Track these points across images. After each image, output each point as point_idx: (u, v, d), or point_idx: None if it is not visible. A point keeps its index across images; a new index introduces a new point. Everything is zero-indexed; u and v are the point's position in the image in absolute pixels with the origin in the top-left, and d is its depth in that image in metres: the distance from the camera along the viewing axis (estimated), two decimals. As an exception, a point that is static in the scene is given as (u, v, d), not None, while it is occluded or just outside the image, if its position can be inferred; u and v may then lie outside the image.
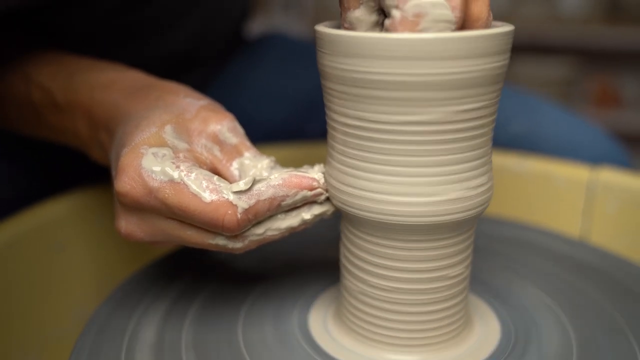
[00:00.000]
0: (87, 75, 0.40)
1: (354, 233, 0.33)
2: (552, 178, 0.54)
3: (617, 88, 2.06)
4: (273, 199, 0.31)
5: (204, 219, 0.30)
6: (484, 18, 0.29)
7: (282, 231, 0.33)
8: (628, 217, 0.50)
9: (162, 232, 0.32)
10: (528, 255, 0.45)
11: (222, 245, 0.32)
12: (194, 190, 0.30)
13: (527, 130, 0.58)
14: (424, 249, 0.31)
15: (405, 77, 0.28)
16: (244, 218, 0.30)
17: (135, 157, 0.31)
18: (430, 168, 0.29)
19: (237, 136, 0.36)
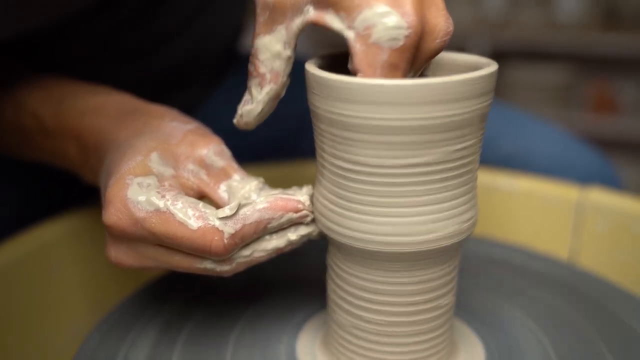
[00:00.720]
0: (76, 101, 0.40)
1: (343, 269, 0.33)
2: (541, 197, 0.55)
3: (614, 94, 2.06)
4: (259, 223, 0.32)
5: (191, 246, 0.31)
6: (442, 27, 0.30)
7: (269, 252, 0.33)
8: (617, 237, 0.51)
9: (151, 258, 0.33)
10: (514, 278, 0.45)
11: (210, 269, 0.33)
12: (180, 218, 0.31)
13: (517, 148, 0.59)
14: (415, 282, 0.32)
15: (397, 122, 0.28)
16: (231, 242, 0.31)
17: (120, 188, 0.32)
18: (425, 207, 0.30)
19: (224, 159, 0.36)
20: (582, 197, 0.53)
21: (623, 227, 0.50)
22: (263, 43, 0.32)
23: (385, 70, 0.29)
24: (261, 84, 0.33)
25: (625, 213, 0.50)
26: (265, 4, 0.31)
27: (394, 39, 0.28)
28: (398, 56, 0.29)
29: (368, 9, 0.28)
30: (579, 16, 2.09)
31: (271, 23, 0.32)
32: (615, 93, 2.07)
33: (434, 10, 0.30)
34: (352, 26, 0.29)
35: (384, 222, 0.30)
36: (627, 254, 0.50)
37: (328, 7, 0.30)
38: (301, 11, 0.31)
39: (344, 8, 0.29)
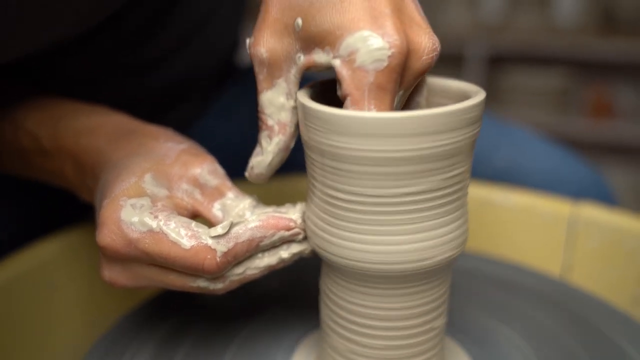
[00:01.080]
0: (73, 121, 0.41)
1: (336, 293, 0.33)
2: (534, 212, 0.55)
3: (611, 98, 2.07)
4: (251, 241, 0.32)
5: (184, 265, 0.31)
6: (427, 45, 0.30)
7: (261, 270, 0.34)
8: (608, 253, 0.51)
9: (145, 278, 0.34)
10: (506, 295, 0.46)
11: (204, 287, 0.33)
12: (173, 238, 0.31)
13: (511, 163, 0.59)
14: (409, 306, 0.32)
15: (387, 154, 0.28)
16: (224, 261, 0.32)
17: (114, 209, 0.32)
18: (417, 234, 0.30)
19: (218, 178, 0.37)
20: (574, 212, 0.53)
21: (614, 242, 0.51)
22: (267, 98, 0.34)
23: (373, 93, 0.29)
24: (270, 135, 0.34)
25: (617, 229, 0.51)
26: (261, 62, 0.33)
27: (378, 60, 0.29)
28: (384, 77, 0.29)
29: (350, 36, 0.29)
30: (577, 21, 2.10)
31: (270, 78, 0.33)
32: (612, 98, 2.08)
33: (416, 29, 0.30)
34: (337, 55, 0.30)
35: (375, 247, 0.30)
36: (618, 270, 0.51)
37: (314, 46, 0.31)
38: (294, 60, 0.32)
39: (328, 42, 0.30)
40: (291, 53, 0.32)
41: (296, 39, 0.32)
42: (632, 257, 0.50)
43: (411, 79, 0.31)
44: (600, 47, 1.92)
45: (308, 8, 0.31)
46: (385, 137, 0.28)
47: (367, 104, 0.30)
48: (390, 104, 0.30)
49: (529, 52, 2.03)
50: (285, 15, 0.32)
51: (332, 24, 0.30)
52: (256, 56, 0.33)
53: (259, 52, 0.33)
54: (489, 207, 0.56)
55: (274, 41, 0.32)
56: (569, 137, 2.11)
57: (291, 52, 0.32)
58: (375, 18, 0.29)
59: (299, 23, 0.31)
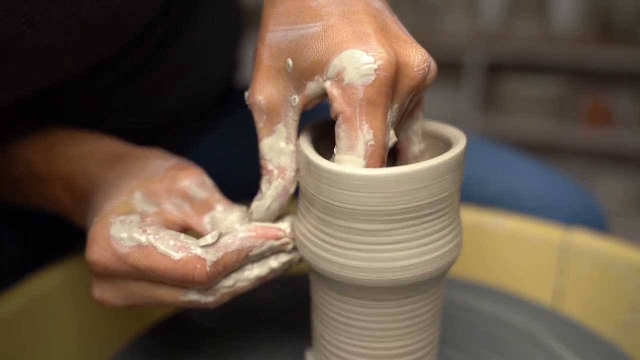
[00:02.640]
0: (66, 147, 0.42)
1: (329, 307, 0.34)
2: (526, 237, 0.56)
3: (608, 106, 2.08)
4: (240, 250, 0.33)
5: (174, 276, 0.32)
6: (416, 57, 0.31)
7: (251, 281, 0.34)
8: (599, 279, 0.52)
9: (135, 294, 0.34)
10: (495, 327, 0.47)
11: (195, 300, 0.34)
12: (162, 250, 0.32)
13: (505, 188, 0.60)
14: (402, 318, 0.33)
15: (376, 207, 0.30)
16: (213, 270, 0.32)
17: (103, 226, 0.33)
18: (408, 248, 0.31)
19: (206, 190, 0.38)
20: (565, 238, 0.54)
21: (605, 269, 0.52)
22: (267, 144, 0.34)
23: (363, 108, 0.30)
24: (269, 180, 0.35)
25: (607, 255, 0.52)
26: (260, 110, 0.34)
27: (365, 75, 0.29)
28: (374, 91, 0.29)
29: (336, 58, 0.30)
30: (575, 29, 2.11)
31: (270, 125, 0.34)
32: (610, 105, 2.09)
33: (403, 44, 0.31)
34: (326, 78, 0.30)
35: (365, 263, 0.31)
36: (609, 297, 0.52)
37: (306, 81, 0.32)
38: (291, 103, 0.33)
39: (317, 71, 0.31)
40: (287, 96, 0.33)
41: (289, 80, 0.33)
42: (621, 284, 0.51)
43: (405, 93, 0.31)
44: (598, 55, 1.93)
45: (295, 47, 0.32)
46: (370, 192, 0.29)
47: (358, 120, 0.30)
48: (383, 119, 0.30)
49: (527, 60, 2.04)
50: (276, 60, 0.33)
51: (319, 53, 0.30)
52: (255, 105, 0.34)
53: (257, 100, 0.33)
54: (482, 232, 0.57)
55: (270, 87, 0.33)
56: (566, 144, 2.12)
57: (287, 95, 0.33)
58: (359, 38, 0.30)
59: (290, 63, 0.32)
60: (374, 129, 0.30)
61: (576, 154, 2.23)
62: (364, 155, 0.30)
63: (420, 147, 0.37)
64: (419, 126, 0.37)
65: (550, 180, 0.62)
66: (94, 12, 0.37)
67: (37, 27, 0.35)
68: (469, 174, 0.35)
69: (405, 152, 0.37)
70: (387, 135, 0.31)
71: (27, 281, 0.46)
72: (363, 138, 0.30)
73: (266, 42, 0.33)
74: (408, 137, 0.37)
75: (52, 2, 0.34)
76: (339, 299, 0.33)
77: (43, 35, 0.35)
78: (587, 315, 0.52)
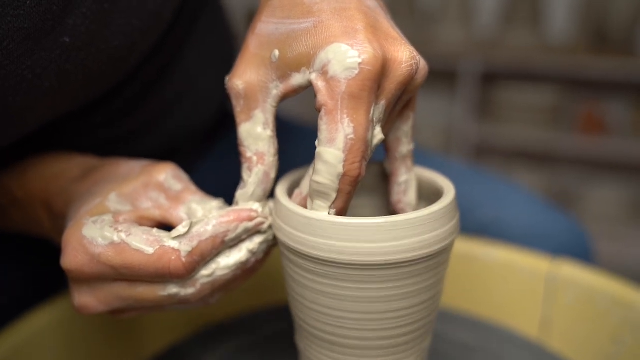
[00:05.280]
0: (39, 170, 0.42)
1: (309, 286, 0.34)
2: (513, 267, 0.57)
3: (602, 115, 2.09)
4: (215, 237, 0.33)
5: (150, 271, 0.32)
6: (404, 54, 0.31)
7: (231, 269, 0.34)
8: (584, 310, 0.53)
9: (114, 296, 0.34)
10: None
11: (175, 294, 0.33)
12: (135, 246, 0.32)
13: (494, 218, 0.62)
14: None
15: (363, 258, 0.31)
16: (190, 260, 0.32)
17: (76, 229, 0.33)
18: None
19: (182, 182, 0.38)
20: (552, 269, 0.55)
21: (589, 300, 0.53)
22: (245, 130, 0.35)
23: (345, 102, 0.30)
24: (250, 167, 0.35)
25: (592, 287, 0.53)
26: (237, 95, 0.34)
27: (349, 68, 0.29)
28: (357, 85, 0.29)
29: (323, 51, 0.30)
30: (569, 39, 2.12)
31: (247, 110, 0.34)
32: (603, 114, 2.10)
33: (392, 41, 0.31)
34: (312, 70, 0.31)
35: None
36: (593, 328, 0.53)
37: (291, 71, 0.32)
38: (270, 90, 0.34)
39: (304, 63, 0.31)
40: (267, 83, 0.34)
41: (272, 69, 0.33)
42: (605, 316, 0.52)
43: (392, 90, 0.31)
44: (592, 64, 1.94)
45: (285, 40, 0.32)
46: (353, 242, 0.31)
47: (340, 114, 0.30)
48: (365, 114, 0.30)
49: (522, 70, 2.05)
50: (263, 49, 0.34)
51: (307, 46, 0.31)
52: (233, 89, 0.34)
53: (235, 85, 0.34)
54: (470, 261, 0.59)
55: (250, 73, 0.34)
56: (560, 153, 2.13)
57: (267, 82, 0.34)
58: (347, 33, 0.30)
59: (276, 54, 0.32)
60: (354, 123, 0.30)
61: (570, 162, 2.25)
62: (343, 149, 0.30)
63: (409, 147, 0.38)
64: (409, 127, 0.37)
65: (539, 209, 0.63)
66: (92, 57, 0.38)
67: (37, 73, 0.36)
68: (459, 201, 0.36)
69: (394, 152, 0.38)
70: (369, 131, 0.31)
71: (17, 323, 0.46)
72: (343, 131, 0.30)
73: (256, 32, 0.34)
74: (397, 137, 0.37)
75: (51, 52, 0.36)
76: (313, 279, 0.33)
77: (43, 80, 0.36)
78: (572, 345, 0.53)
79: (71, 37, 0.36)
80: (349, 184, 0.31)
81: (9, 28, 0.32)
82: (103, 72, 0.41)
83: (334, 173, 0.31)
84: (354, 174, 0.31)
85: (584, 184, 2.22)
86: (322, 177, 0.31)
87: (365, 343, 0.33)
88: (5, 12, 0.32)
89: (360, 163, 0.31)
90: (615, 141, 2.02)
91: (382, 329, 0.33)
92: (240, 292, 0.58)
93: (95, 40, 0.38)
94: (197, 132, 0.65)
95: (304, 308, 0.34)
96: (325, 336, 0.34)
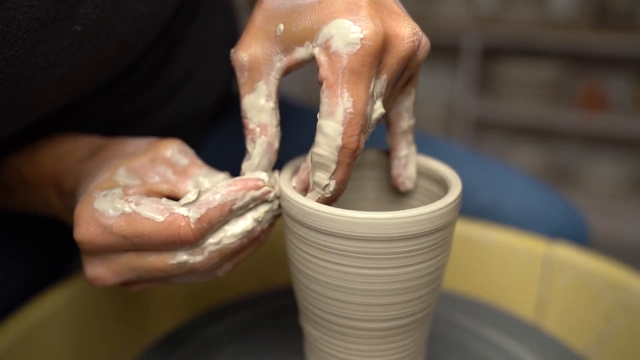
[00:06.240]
0: (48, 150, 0.43)
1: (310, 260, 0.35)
2: (511, 249, 0.59)
3: (603, 91, 2.09)
4: (223, 205, 0.34)
5: (161, 238, 0.33)
6: (406, 30, 0.32)
7: (238, 237, 0.35)
8: (578, 292, 0.55)
9: (125, 266, 0.35)
10: (480, 346, 0.50)
11: (184, 261, 0.34)
12: (146, 215, 0.33)
13: (492, 200, 0.63)
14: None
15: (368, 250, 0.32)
16: (198, 227, 0.33)
17: (88, 202, 0.34)
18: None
19: (188, 157, 0.39)
20: (548, 251, 0.57)
21: (584, 282, 0.55)
22: (248, 102, 0.35)
23: (346, 77, 0.30)
24: (253, 139, 0.36)
25: (586, 270, 0.55)
26: (242, 67, 0.35)
27: (351, 44, 0.30)
28: (357, 60, 0.30)
29: (326, 26, 0.31)
30: (571, 14, 2.11)
31: (251, 82, 0.35)
32: (604, 90, 2.10)
33: (394, 17, 0.32)
34: (315, 45, 0.32)
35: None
36: (587, 309, 0.54)
37: (295, 45, 0.33)
38: (274, 63, 0.35)
39: (308, 37, 0.32)
40: (271, 56, 0.35)
41: (277, 42, 0.34)
42: (599, 298, 0.53)
43: (394, 65, 0.32)
44: (594, 40, 1.93)
45: (290, 14, 0.33)
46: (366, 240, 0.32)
47: (340, 88, 0.31)
48: (365, 89, 0.31)
49: (523, 45, 2.04)
50: (268, 23, 0.34)
51: (311, 21, 0.32)
52: (237, 61, 0.35)
53: (240, 57, 0.35)
54: (469, 243, 0.60)
55: (255, 45, 0.35)
56: (561, 128, 2.14)
57: (271, 55, 0.34)
58: (350, 10, 0.31)
59: (281, 28, 0.33)
60: (354, 97, 0.31)
61: (570, 138, 2.25)
62: (342, 122, 0.31)
63: (410, 122, 0.39)
64: (411, 102, 0.38)
65: (537, 192, 0.64)
66: (102, 43, 0.40)
67: (50, 61, 0.37)
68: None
69: (395, 127, 0.39)
70: (368, 106, 0.31)
71: (28, 305, 0.48)
72: (343, 105, 0.31)
73: (263, 6, 0.35)
74: (399, 112, 0.38)
75: (63, 40, 0.37)
76: (317, 256, 0.34)
77: (56, 67, 0.38)
78: (566, 325, 0.55)
79: (82, 26, 0.37)
80: (347, 155, 0.32)
81: (24, 19, 0.34)
82: (113, 58, 0.42)
83: (333, 145, 0.32)
84: (353, 147, 0.32)
85: (584, 160, 2.24)
86: (322, 149, 0.32)
87: (370, 325, 0.35)
88: (20, 3, 0.33)
89: (359, 136, 0.32)
90: (616, 117, 2.03)
91: (386, 312, 0.35)
92: (245, 274, 0.60)
93: (106, 28, 0.39)
94: (201, 115, 0.66)
95: (309, 291, 0.36)
96: (329, 318, 0.36)
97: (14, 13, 0.33)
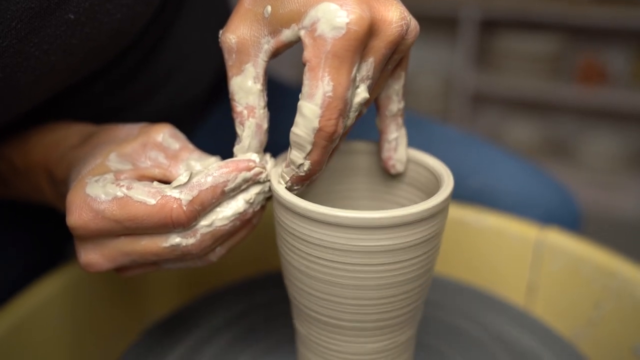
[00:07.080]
0: (40, 138, 0.43)
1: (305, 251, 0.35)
2: (504, 234, 0.59)
3: (602, 64, 2.08)
4: (215, 187, 0.34)
5: (153, 221, 0.33)
6: (394, 14, 0.32)
7: (230, 219, 0.35)
8: (569, 277, 0.56)
9: (118, 251, 0.35)
10: (464, 327, 0.50)
11: (177, 244, 0.34)
12: (138, 199, 0.33)
13: (485, 184, 0.63)
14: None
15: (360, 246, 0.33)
16: (190, 209, 0.33)
17: (79, 188, 0.34)
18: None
19: (179, 141, 0.39)
20: (540, 236, 0.57)
21: (574, 268, 0.55)
22: (236, 84, 0.35)
23: (329, 61, 0.31)
24: (242, 122, 0.36)
25: (577, 255, 0.55)
26: (230, 49, 0.35)
27: (336, 28, 0.30)
28: (341, 45, 0.30)
29: (312, 9, 0.31)
30: (571, -15, 2.08)
31: (239, 64, 0.35)
32: (603, 63, 2.09)
33: (383, 1, 0.32)
34: (301, 27, 0.32)
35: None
36: (577, 294, 0.55)
37: (282, 27, 0.33)
38: (262, 45, 0.35)
39: (295, 20, 0.32)
40: (259, 38, 0.34)
41: (264, 24, 0.34)
42: (588, 283, 0.54)
43: (382, 49, 0.32)
44: (593, 13, 1.91)
45: None
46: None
47: (322, 71, 0.31)
48: (347, 74, 0.31)
49: (522, 17, 2.02)
50: (256, 5, 0.34)
51: (299, 3, 0.32)
52: (225, 43, 0.35)
53: (227, 38, 0.35)
54: (462, 227, 0.61)
55: (243, 27, 0.35)
56: (559, 102, 2.13)
57: (259, 37, 0.34)
58: None
59: (269, 10, 0.33)
60: (334, 81, 0.31)
61: (569, 111, 2.25)
62: (321, 105, 0.31)
63: (400, 105, 0.39)
64: (400, 86, 0.38)
65: (530, 176, 0.64)
66: (96, 30, 0.40)
67: (43, 49, 0.37)
68: (452, 167, 0.37)
69: (384, 110, 0.39)
70: (348, 90, 0.32)
71: (23, 293, 0.48)
72: (322, 89, 0.31)
73: None
74: (388, 95, 0.38)
75: (56, 28, 0.37)
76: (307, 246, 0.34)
77: (50, 55, 0.38)
78: (556, 310, 0.56)
79: (75, 14, 0.37)
80: (323, 138, 0.32)
81: (17, 9, 0.34)
82: (106, 45, 0.42)
83: (309, 127, 0.32)
84: (329, 130, 0.32)
85: (582, 134, 2.23)
86: (299, 129, 0.32)
87: (360, 318, 0.36)
88: None
89: (337, 120, 0.32)
90: (615, 90, 2.02)
91: (378, 306, 0.35)
92: (239, 258, 0.60)
93: (98, 15, 0.39)
94: (194, 102, 0.65)
95: (300, 284, 0.36)
96: (319, 317, 0.36)
97: (7, 3, 0.33)
